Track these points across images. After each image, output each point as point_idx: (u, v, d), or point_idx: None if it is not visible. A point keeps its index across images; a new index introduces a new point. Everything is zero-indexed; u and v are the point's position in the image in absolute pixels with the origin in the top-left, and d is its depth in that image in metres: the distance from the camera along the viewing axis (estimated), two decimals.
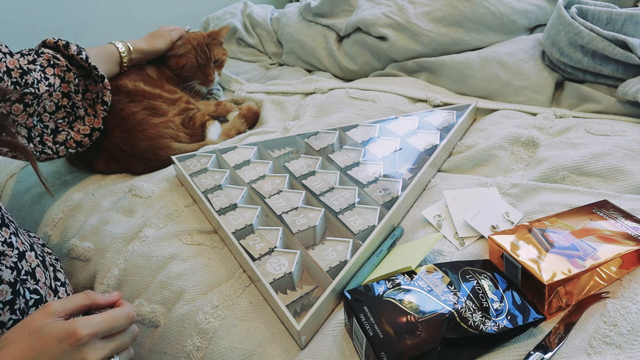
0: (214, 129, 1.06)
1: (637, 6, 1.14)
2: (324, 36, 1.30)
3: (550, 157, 0.83)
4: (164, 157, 0.96)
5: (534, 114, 0.97)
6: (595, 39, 0.94)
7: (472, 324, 0.55)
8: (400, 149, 0.90)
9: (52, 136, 0.87)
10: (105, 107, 0.94)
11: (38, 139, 0.85)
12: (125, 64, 1.04)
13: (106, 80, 0.93)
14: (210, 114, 1.12)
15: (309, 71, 1.33)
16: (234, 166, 0.90)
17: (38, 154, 0.86)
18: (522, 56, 1.07)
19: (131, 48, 1.05)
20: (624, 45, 0.92)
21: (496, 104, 1.03)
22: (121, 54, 1.02)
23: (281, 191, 0.83)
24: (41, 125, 0.86)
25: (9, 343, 0.52)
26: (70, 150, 0.90)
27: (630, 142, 0.82)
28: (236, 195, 0.83)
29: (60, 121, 0.89)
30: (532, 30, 1.20)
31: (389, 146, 0.91)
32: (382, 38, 1.18)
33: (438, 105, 1.04)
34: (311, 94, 1.15)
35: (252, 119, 1.12)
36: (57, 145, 0.88)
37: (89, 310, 0.58)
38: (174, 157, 0.92)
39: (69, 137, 0.89)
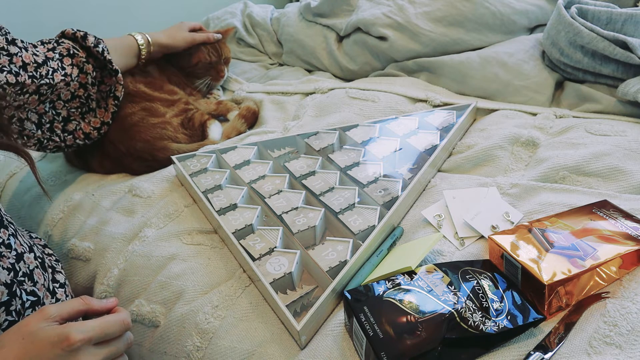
0: (215, 129, 1.06)
1: (637, 6, 1.14)
2: (324, 36, 1.30)
3: (550, 157, 0.83)
4: (161, 158, 0.96)
5: (534, 114, 0.97)
6: (595, 39, 0.94)
7: (472, 324, 0.55)
8: (400, 149, 0.90)
9: (62, 124, 0.88)
10: (116, 101, 0.95)
11: (48, 125, 0.86)
12: (144, 57, 1.04)
13: (119, 74, 0.93)
14: (210, 112, 1.12)
15: (309, 71, 1.33)
16: (234, 166, 0.90)
17: (45, 141, 0.86)
18: (522, 56, 1.07)
19: (150, 41, 1.04)
20: (624, 45, 0.92)
21: (496, 104, 1.03)
22: (140, 46, 1.02)
23: (281, 191, 0.83)
24: (53, 112, 0.86)
25: (2, 346, 0.51)
26: (77, 141, 0.90)
27: (630, 142, 0.82)
28: (236, 195, 0.83)
29: (73, 110, 0.89)
30: (532, 30, 1.20)
31: (389, 146, 0.91)
32: (382, 38, 1.18)
33: (438, 105, 1.04)
34: (311, 94, 1.15)
35: (251, 119, 1.12)
36: (66, 134, 0.89)
37: (85, 315, 0.58)
38: (173, 157, 0.92)
39: (78, 128, 0.90)
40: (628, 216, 0.67)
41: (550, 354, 0.54)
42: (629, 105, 0.93)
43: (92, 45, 0.90)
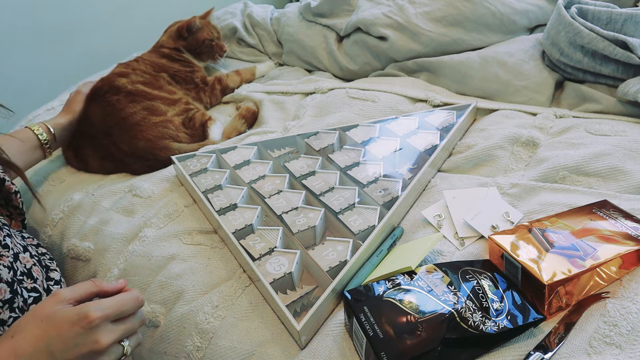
0: (215, 129, 1.06)
1: (637, 6, 1.14)
2: (324, 36, 1.30)
3: (550, 157, 0.83)
4: (163, 158, 0.97)
5: (534, 114, 0.97)
6: (595, 39, 0.94)
7: (472, 324, 0.55)
8: (400, 149, 0.90)
9: None
10: (19, 211, 0.79)
11: None
12: (48, 146, 0.95)
13: (7, 183, 0.78)
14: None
15: (309, 71, 1.33)
16: (234, 166, 0.90)
17: None
18: (522, 56, 1.07)
19: (51, 128, 0.96)
20: (624, 45, 0.92)
21: (496, 104, 1.03)
22: (39, 136, 0.93)
23: (281, 191, 0.83)
24: None
25: (21, 330, 0.52)
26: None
27: (630, 142, 0.82)
28: (236, 195, 0.83)
29: None
30: (532, 30, 1.20)
31: (389, 146, 0.91)
32: (382, 38, 1.18)
33: (438, 105, 1.04)
34: (311, 94, 1.15)
35: (251, 119, 1.12)
36: None
37: (96, 297, 0.58)
38: (174, 157, 0.92)
39: None
40: (628, 216, 0.67)
41: (550, 354, 0.54)
42: (629, 105, 0.93)
43: None
